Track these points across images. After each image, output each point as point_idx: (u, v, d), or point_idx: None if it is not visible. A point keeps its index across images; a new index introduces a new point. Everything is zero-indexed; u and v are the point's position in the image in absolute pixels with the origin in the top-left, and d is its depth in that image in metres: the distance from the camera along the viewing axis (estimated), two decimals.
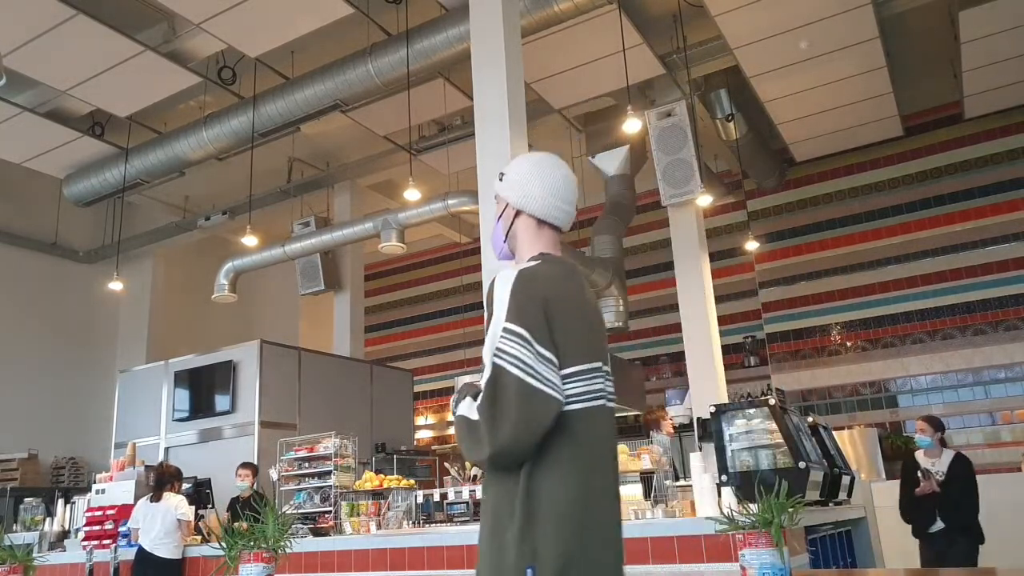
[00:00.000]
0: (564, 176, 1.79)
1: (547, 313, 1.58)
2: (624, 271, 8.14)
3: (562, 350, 1.58)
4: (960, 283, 8.45)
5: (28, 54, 6.44)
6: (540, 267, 1.66)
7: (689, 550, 3.94)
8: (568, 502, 1.51)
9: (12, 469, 9.20)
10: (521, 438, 1.48)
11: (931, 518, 4.91)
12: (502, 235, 1.78)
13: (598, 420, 1.63)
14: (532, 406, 1.49)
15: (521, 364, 1.51)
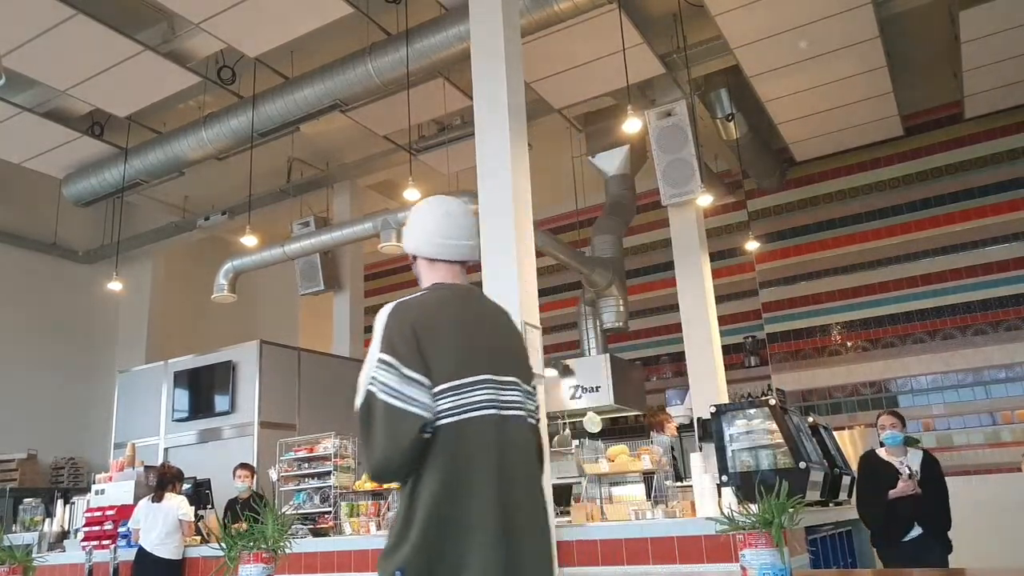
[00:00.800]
0: (445, 213, 1.96)
1: (417, 337, 1.74)
2: (624, 271, 8.14)
3: (434, 369, 1.72)
4: (960, 283, 8.45)
5: (27, 54, 6.43)
6: (417, 297, 1.85)
7: (689, 550, 3.94)
8: (435, 505, 1.64)
9: (11, 469, 9.20)
10: (390, 455, 1.65)
11: (908, 524, 4.33)
12: (419, 279, 1.98)
13: (479, 429, 1.73)
14: (396, 425, 1.65)
15: (387, 388, 1.67)
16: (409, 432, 1.65)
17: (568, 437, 6.32)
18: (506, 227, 4.62)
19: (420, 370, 1.71)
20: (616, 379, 7.30)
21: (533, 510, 1.79)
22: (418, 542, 1.62)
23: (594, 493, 5.65)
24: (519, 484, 1.76)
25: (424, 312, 1.81)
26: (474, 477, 1.70)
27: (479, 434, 1.74)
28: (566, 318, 9.28)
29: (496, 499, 1.70)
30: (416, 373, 1.70)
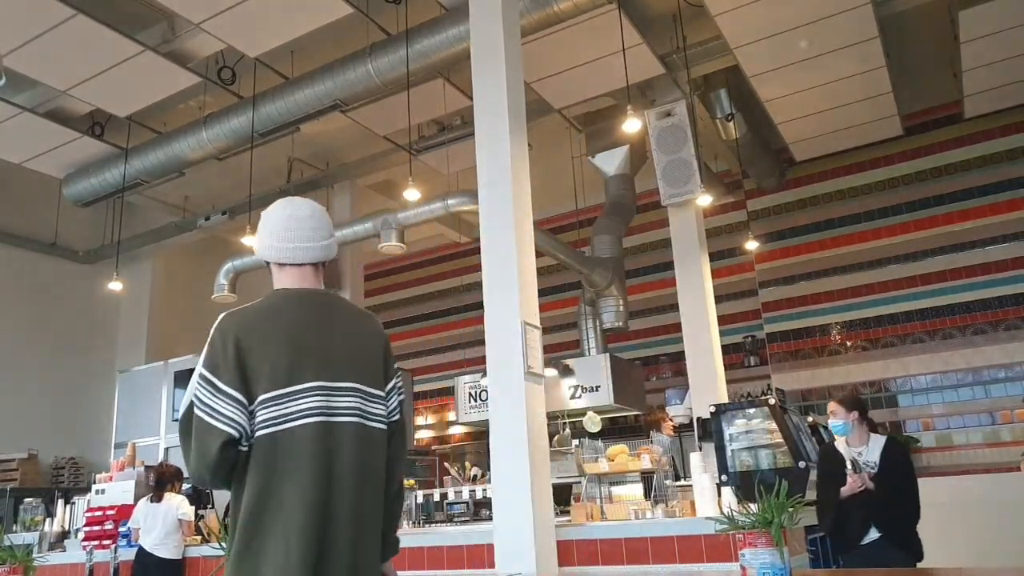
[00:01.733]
0: (289, 216, 1.97)
1: (239, 349, 1.78)
2: (624, 271, 8.14)
3: (254, 381, 1.77)
4: (960, 283, 8.45)
5: (28, 54, 6.43)
6: (249, 306, 1.89)
7: (689, 550, 3.95)
8: (248, 513, 1.72)
9: (12, 469, 9.20)
10: (199, 466, 1.73)
11: (864, 526, 3.73)
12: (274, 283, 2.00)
13: (300, 438, 1.77)
14: (204, 439, 1.72)
15: (201, 404, 1.74)
16: (213, 446, 1.71)
17: (568, 437, 6.32)
18: (506, 227, 4.62)
19: (236, 385, 1.75)
20: (616, 379, 7.30)
21: (359, 518, 1.81)
22: (239, 550, 1.71)
23: (594, 493, 5.66)
24: (347, 492, 1.79)
25: (248, 322, 1.85)
26: (284, 488, 1.74)
27: (299, 443, 1.77)
28: (566, 318, 9.29)
29: (311, 508, 1.74)
30: (231, 388, 1.75)
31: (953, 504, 5.77)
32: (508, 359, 4.39)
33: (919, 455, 8.26)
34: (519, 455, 4.20)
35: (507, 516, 4.18)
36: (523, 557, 4.04)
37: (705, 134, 7.98)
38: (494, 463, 4.35)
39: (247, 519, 1.72)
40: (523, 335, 4.38)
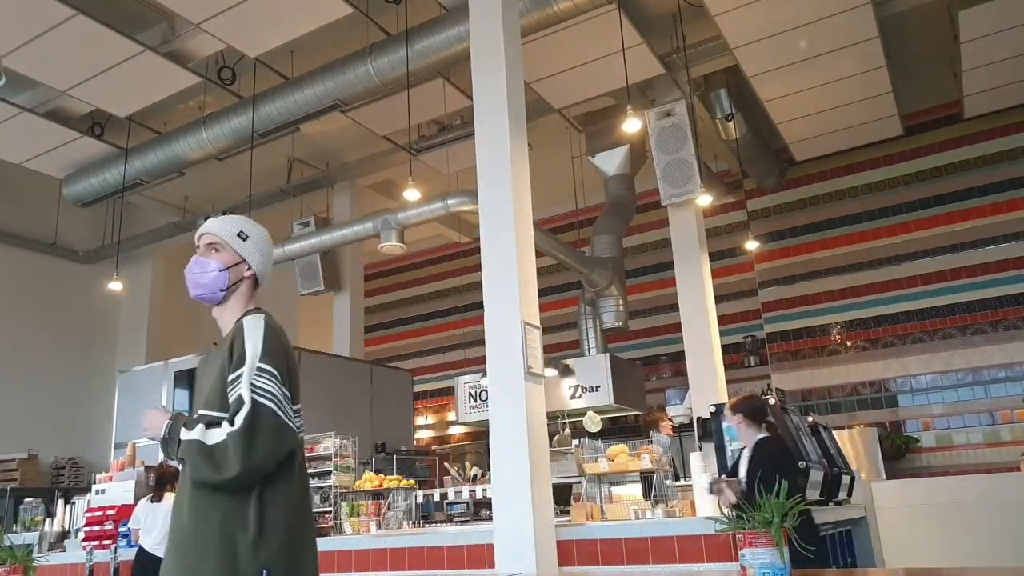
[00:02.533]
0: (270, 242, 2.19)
1: (287, 356, 1.95)
2: (624, 271, 8.14)
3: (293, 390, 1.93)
4: (960, 283, 8.46)
5: (28, 54, 6.43)
6: (274, 321, 2.01)
7: (689, 550, 3.94)
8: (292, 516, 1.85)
9: (12, 469, 9.21)
10: (268, 463, 1.79)
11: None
12: (224, 283, 2.04)
13: (303, 450, 2.01)
14: (281, 436, 1.81)
15: (275, 400, 1.83)
16: (287, 445, 1.83)
17: (568, 437, 6.32)
18: (506, 227, 4.62)
19: (289, 389, 1.90)
20: (616, 379, 7.31)
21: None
22: (283, 541, 1.80)
23: (594, 492, 5.66)
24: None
25: (287, 340, 2.00)
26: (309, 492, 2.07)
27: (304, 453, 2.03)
28: (566, 318, 9.29)
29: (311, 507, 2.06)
30: (288, 391, 1.89)
31: (953, 504, 5.76)
32: (508, 359, 4.39)
33: (919, 455, 8.26)
34: (519, 455, 4.20)
35: (507, 516, 4.18)
36: (523, 557, 4.04)
37: (705, 134, 7.98)
38: (494, 463, 4.35)
39: (290, 531, 1.82)
40: (523, 335, 4.38)
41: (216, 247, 2.06)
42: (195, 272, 2.04)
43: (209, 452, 1.78)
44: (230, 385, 1.86)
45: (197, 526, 1.82)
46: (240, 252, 2.07)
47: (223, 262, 2.05)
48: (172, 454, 1.84)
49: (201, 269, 2.04)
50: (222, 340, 2.02)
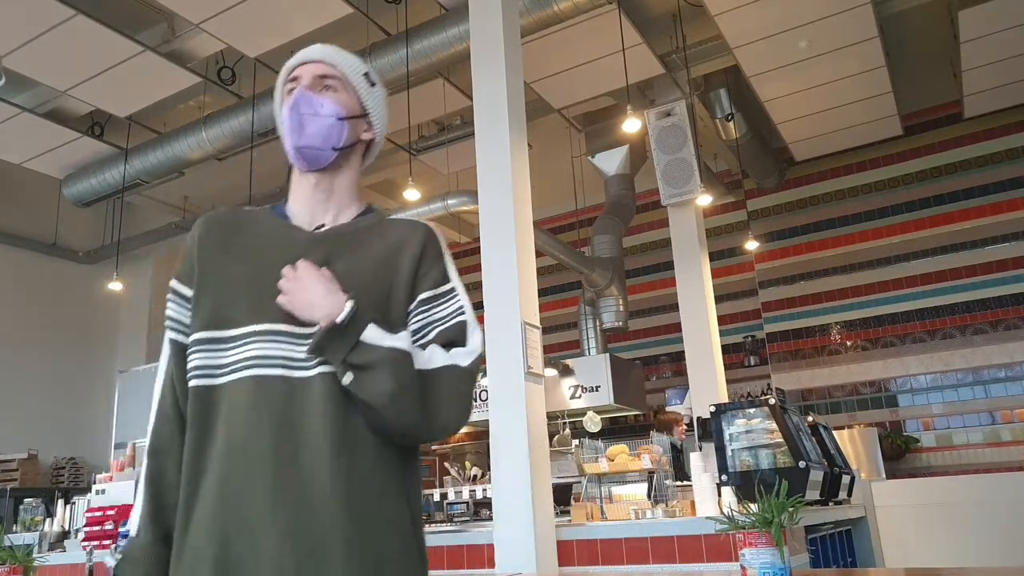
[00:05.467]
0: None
1: None
2: (624, 271, 8.15)
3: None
4: (960, 282, 8.45)
5: (27, 54, 6.43)
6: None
7: (689, 550, 3.94)
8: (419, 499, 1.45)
9: (12, 470, 9.20)
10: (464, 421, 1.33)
11: None
12: (341, 138, 1.44)
13: None
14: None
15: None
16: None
17: (568, 436, 6.32)
18: (506, 227, 4.62)
19: None
20: (616, 379, 7.31)
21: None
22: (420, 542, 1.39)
23: (594, 492, 5.66)
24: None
25: None
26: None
27: None
28: (566, 318, 9.29)
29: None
30: None
31: (953, 504, 5.76)
32: (508, 359, 4.39)
33: (919, 455, 8.26)
34: (519, 455, 4.20)
35: (507, 516, 4.18)
36: (523, 557, 4.04)
37: (705, 134, 7.98)
38: (494, 463, 4.35)
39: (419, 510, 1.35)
40: (523, 335, 4.38)
41: (333, 85, 1.44)
42: (306, 112, 1.39)
43: (421, 380, 1.25)
44: (424, 306, 1.34)
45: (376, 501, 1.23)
46: (365, 102, 1.49)
47: (344, 107, 1.44)
48: (339, 356, 1.23)
49: (313, 109, 1.39)
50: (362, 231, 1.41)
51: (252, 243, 1.37)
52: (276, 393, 1.23)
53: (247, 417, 1.22)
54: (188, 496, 1.24)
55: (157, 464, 1.31)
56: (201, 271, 1.34)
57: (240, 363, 1.26)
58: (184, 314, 1.35)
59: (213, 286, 1.33)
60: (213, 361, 1.27)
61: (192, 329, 1.31)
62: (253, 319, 1.28)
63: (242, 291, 1.31)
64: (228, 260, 1.35)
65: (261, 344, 1.26)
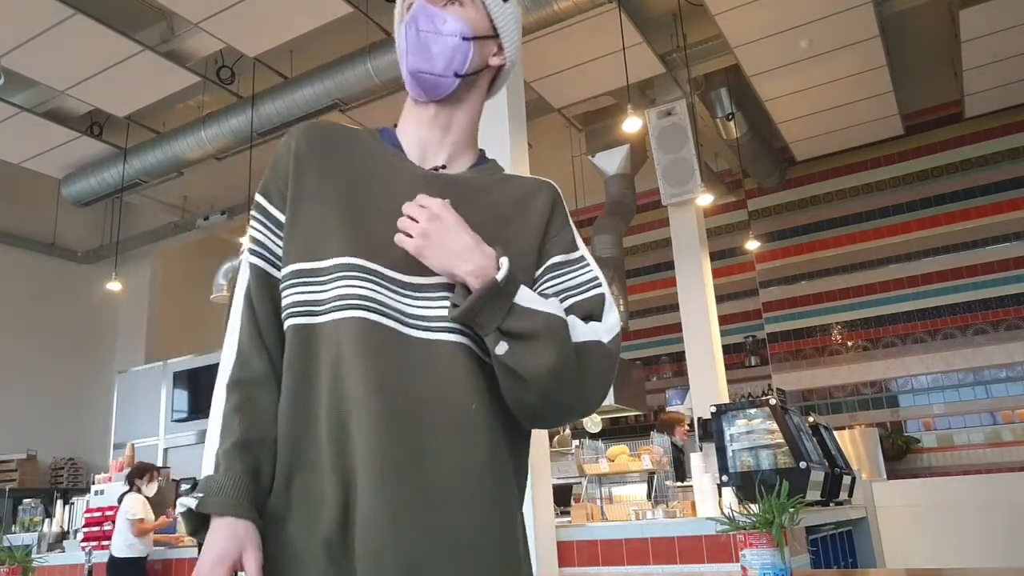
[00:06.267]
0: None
1: None
2: (624, 271, 8.13)
3: None
4: (961, 282, 8.44)
5: (26, 54, 6.42)
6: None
7: (690, 550, 3.93)
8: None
9: (11, 470, 9.19)
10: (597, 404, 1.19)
11: None
12: (465, 62, 1.22)
13: None
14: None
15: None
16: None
17: (568, 437, 6.31)
18: None
19: None
20: (616, 379, 7.26)
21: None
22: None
23: (594, 493, 5.64)
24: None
25: None
26: None
27: None
28: None
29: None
30: None
31: (954, 504, 5.75)
32: None
33: (920, 455, 8.25)
34: None
35: None
36: None
37: (705, 133, 7.97)
38: None
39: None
40: None
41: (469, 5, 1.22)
42: (425, 30, 1.18)
43: (575, 352, 1.08)
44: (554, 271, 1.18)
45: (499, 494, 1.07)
46: (496, 19, 1.26)
47: (470, 25, 1.22)
48: (494, 322, 1.04)
49: (434, 26, 1.19)
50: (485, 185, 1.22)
51: (359, 167, 1.18)
52: (392, 348, 1.06)
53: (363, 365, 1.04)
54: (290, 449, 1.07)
55: (244, 393, 1.11)
56: (297, 191, 1.16)
57: (342, 300, 1.07)
58: (273, 240, 1.16)
59: (311, 210, 1.14)
60: (311, 296, 1.09)
61: (286, 260, 1.13)
62: (355, 251, 1.09)
63: (345, 219, 1.12)
64: (329, 182, 1.15)
65: (362, 283, 1.08)
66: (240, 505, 1.03)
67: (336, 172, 1.17)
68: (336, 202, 1.14)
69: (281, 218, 1.16)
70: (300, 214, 1.15)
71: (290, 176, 1.17)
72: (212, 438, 1.09)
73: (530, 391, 1.06)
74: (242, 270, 1.19)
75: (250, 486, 1.05)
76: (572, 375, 1.07)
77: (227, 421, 1.09)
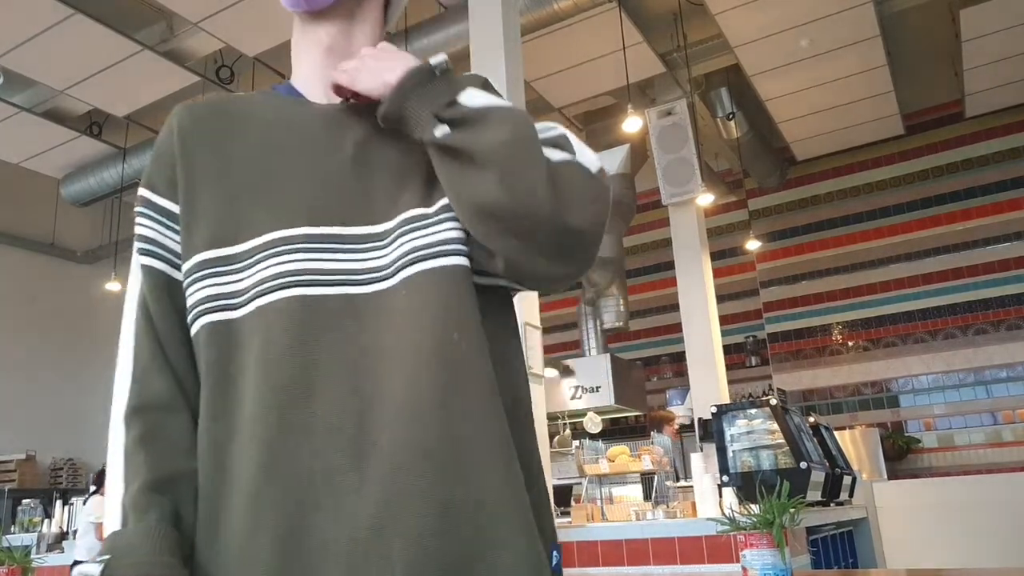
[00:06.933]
0: None
1: None
2: (624, 271, 8.13)
3: None
4: (961, 282, 8.43)
5: (25, 54, 6.42)
6: None
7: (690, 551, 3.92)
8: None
9: (10, 471, 9.19)
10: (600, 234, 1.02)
11: None
12: None
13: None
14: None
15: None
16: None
17: (568, 437, 6.30)
18: None
19: None
20: (616, 379, 7.28)
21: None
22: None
23: (594, 494, 5.63)
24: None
25: None
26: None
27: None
28: (566, 318, 9.26)
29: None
30: None
31: (954, 504, 5.74)
32: None
33: (920, 455, 8.24)
34: None
35: None
36: None
37: (706, 133, 7.96)
38: None
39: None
40: (523, 335, 4.36)
41: None
42: None
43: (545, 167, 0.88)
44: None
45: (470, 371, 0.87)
46: None
47: None
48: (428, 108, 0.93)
49: None
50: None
51: (259, 131, 1.00)
52: (336, 318, 0.88)
53: (295, 354, 0.86)
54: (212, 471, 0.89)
55: (146, 423, 0.92)
56: (189, 174, 0.98)
57: (269, 282, 0.89)
58: (166, 234, 0.99)
59: (211, 191, 0.97)
60: (228, 287, 0.92)
61: (188, 252, 0.96)
62: (279, 222, 0.92)
63: (257, 191, 0.96)
64: (227, 156, 0.99)
65: (298, 255, 0.90)
66: (160, 563, 0.83)
67: (232, 143, 0.99)
68: (241, 174, 0.97)
69: (174, 208, 0.98)
70: (198, 198, 0.97)
71: (177, 159, 0.99)
72: (114, 484, 0.90)
73: (483, 174, 0.86)
74: (132, 277, 1.04)
75: (169, 535, 0.85)
76: (537, 156, 0.87)
77: (129, 460, 0.90)
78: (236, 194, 0.96)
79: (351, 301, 0.89)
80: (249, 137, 1.00)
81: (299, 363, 0.86)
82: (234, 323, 0.92)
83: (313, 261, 0.90)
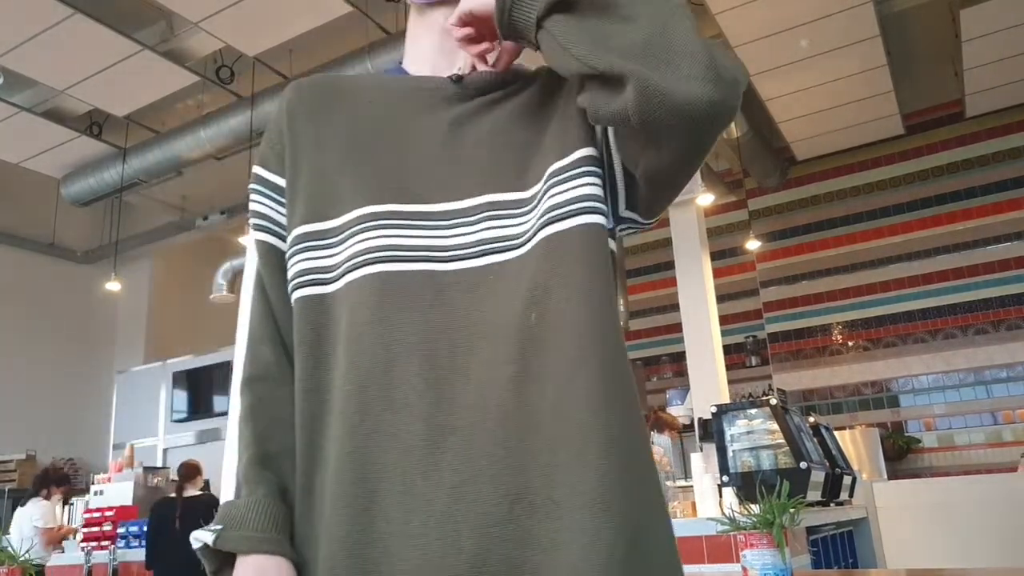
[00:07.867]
0: None
1: None
2: (625, 271, 8.12)
3: None
4: (962, 282, 8.43)
5: (25, 53, 6.41)
6: None
7: (690, 551, 3.92)
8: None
9: (10, 470, 9.19)
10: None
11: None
12: None
13: None
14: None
15: None
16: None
17: None
18: None
19: None
20: None
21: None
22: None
23: None
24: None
25: None
26: None
27: None
28: None
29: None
30: None
31: (955, 504, 5.73)
32: None
33: (921, 455, 8.24)
34: None
35: None
36: None
37: None
38: None
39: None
40: None
41: None
42: None
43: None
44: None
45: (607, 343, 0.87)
46: None
47: None
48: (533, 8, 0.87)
49: None
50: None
51: (357, 106, 1.03)
52: (415, 297, 0.89)
53: (374, 331, 0.88)
54: (306, 446, 0.91)
55: (255, 395, 0.96)
56: (294, 148, 1.02)
57: (357, 258, 0.91)
58: (276, 209, 1.02)
59: (310, 165, 1.00)
60: (322, 262, 0.95)
61: (290, 225, 0.99)
62: (369, 198, 0.94)
63: (351, 166, 0.98)
64: (326, 130, 1.01)
65: (383, 231, 0.92)
66: (267, 539, 0.86)
67: (332, 118, 1.03)
68: (340, 149, 1.00)
69: (281, 183, 1.02)
70: (301, 172, 1.00)
71: (285, 134, 1.04)
72: (231, 453, 0.94)
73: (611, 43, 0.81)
74: (249, 252, 1.08)
75: (278, 512, 0.89)
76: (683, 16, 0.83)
77: (241, 431, 0.95)
78: (332, 168, 0.99)
79: (432, 278, 0.90)
80: (350, 112, 1.03)
81: (379, 340, 0.88)
82: (327, 297, 0.94)
83: (397, 237, 0.91)
